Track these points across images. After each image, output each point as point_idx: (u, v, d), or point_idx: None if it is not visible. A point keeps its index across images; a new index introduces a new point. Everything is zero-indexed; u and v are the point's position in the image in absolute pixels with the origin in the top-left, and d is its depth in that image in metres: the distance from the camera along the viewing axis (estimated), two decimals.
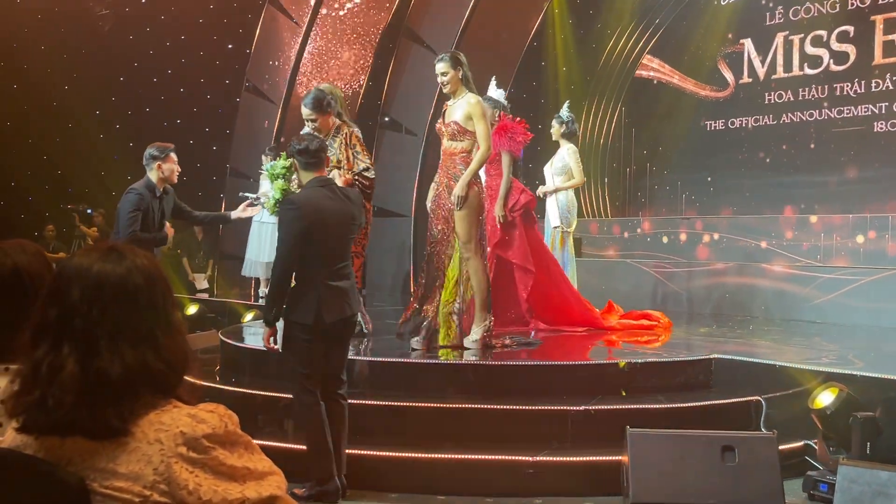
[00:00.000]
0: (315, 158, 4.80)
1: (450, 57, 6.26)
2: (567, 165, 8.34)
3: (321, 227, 4.64)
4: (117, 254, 1.71)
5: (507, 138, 7.36)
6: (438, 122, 6.50)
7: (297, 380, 4.74)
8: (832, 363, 6.06)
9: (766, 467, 4.49)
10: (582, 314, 7.68)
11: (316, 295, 4.63)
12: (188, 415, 1.62)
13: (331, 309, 4.67)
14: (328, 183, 4.87)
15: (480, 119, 6.13)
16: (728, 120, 11.60)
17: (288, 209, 4.69)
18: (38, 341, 1.64)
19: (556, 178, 8.38)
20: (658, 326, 7.86)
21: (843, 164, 10.37)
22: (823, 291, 9.07)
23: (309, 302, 4.64)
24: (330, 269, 4.70)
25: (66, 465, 1.62)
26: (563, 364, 6.33)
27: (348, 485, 4.83)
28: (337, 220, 4.73)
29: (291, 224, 4.63)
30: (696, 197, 11.85)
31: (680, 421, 5.19)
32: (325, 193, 4.74)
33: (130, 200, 5.98)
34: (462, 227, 6.19)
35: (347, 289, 4.79)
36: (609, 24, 12.92)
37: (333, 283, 4.69)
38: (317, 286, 4.64)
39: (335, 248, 4.76)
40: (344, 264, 4.81)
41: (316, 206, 4.65)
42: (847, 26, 10.40)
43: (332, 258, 4.73)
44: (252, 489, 1.63)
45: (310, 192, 4.76)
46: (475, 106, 6.15)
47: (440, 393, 5.72)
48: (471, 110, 6.15)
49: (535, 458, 5.03)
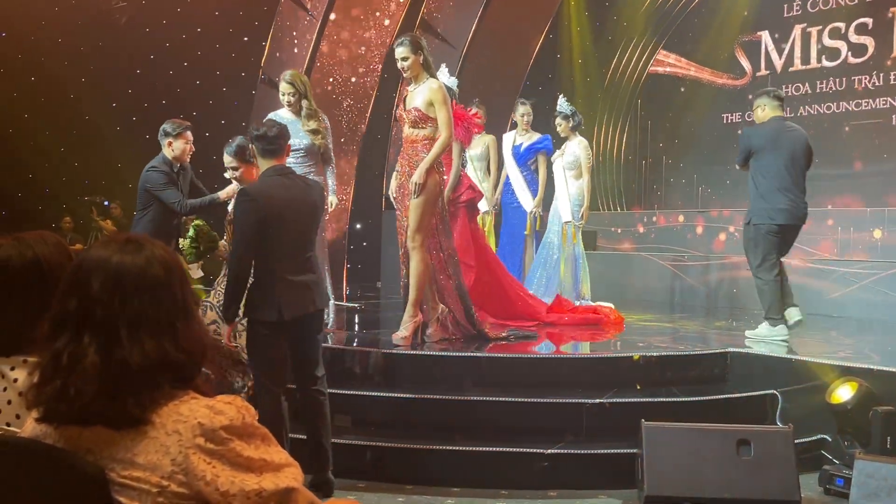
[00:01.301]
0: (273, 145, 4.57)
1: (409, 41, 6.06)
2: (577, 160, 8.32)
3: (278, 218, 4.40)
4: (136, 244, 1.72)
5: (463, 128, 7.17)
6: (399, 108, 6.29)
7: (257, 377, 4.58)
8: (849, 357, 6.03)
9: (781, 461, 4.48)
10: (526, 308, 7.50)
11: (276, 290, 4.42)
12: (206, 406, 1.63)
13: (291, 305, 4.45)
14: (286, 171, 4.63)
15: (442, 105, 5.91)
16: (745, 112, 11.52)
17: (242, 201, 4.45)
18: (58, 332, 1.65)
19: (567, 173, 8.36)
20: (606, 320, 7.72)
21: (861, 158, 10.30)
22: (840, 285, 9.03)
23: (269, 298, 4.41)
24: (291, 262, 4.49)
25: (86, 454, 1.63)
26: (578, 357, 6.33)
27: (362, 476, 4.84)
28: (296, 210, 4.51)
29: (246, 216, 4.39)
30: (712, 190, 11.80)
31: (695, 414, 5.17)
32: (282, 182, 4.52)
33: (155, 177, 5.97)
34: (414, 216, 5.96)
35: (311, 282, 4.58)
36: (625, 16, 12.87)
37: (295, 277, 4.48)
38: (276, 281, 4.43)
39: (296, 240, 4.52)
40: (307, 256, 4.59)
41: (271, 197, 4.42)
42: (865, 18, 10.32)
43: (293, 251, 4.51)
44: (269, 480, 1.64)
45: (266, 181, 4.54)
46: (437, 91, 5.93)
47: (455, 385, 5.71)
48: (432, 96, 5.93)
49: (549, 451, 5.03)
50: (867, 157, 10.24)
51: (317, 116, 6.43)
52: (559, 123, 8.44)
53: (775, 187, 6.50)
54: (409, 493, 4.90)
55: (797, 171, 6.57)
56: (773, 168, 6.54)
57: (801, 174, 6.60)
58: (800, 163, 6.60)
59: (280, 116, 6.25)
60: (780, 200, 6.51)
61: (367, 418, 5.39)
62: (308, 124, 6.43)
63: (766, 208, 6.55)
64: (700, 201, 11.85)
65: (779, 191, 6.50)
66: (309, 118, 6.38)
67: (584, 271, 8.43)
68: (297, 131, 6.31)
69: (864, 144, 10.29)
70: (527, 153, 8.65)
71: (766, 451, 4.50)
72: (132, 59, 11.06)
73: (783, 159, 6.54)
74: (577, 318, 7.66)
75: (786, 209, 6.52)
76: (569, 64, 13.39)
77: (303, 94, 6.37)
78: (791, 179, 6.53)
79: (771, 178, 6.53)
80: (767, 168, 6.56)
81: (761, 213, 6.58)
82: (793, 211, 6.54)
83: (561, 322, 7.51)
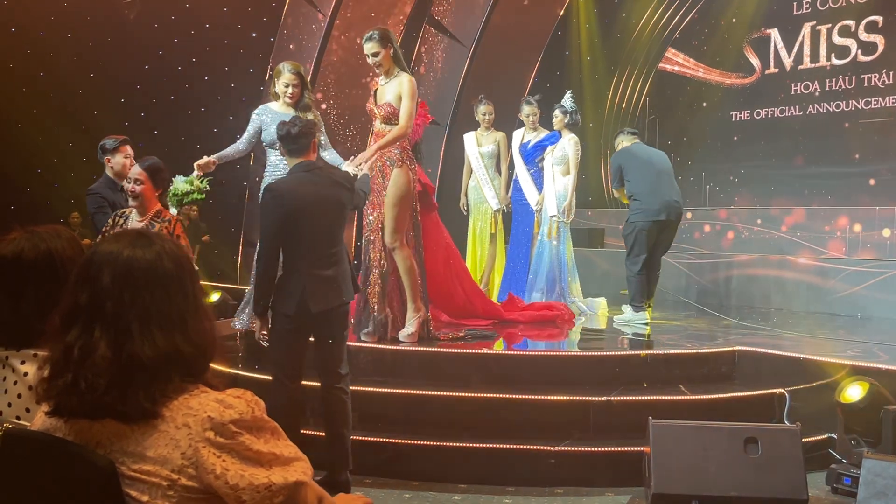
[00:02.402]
0: (296, 144, 4.61)
1: (379, 35, 5.93)
2: (566, 156, 8.31)
3: (303, 214, 4.45)
4: (146, 239, 1.73)
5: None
6: (369, 102, 6.23)
7: (271, 370, 4.62)
8: (857, 356, 6.01)
9: (789, 460, 4.47)
10: (484, 307, 7.35)
11: (300, 284, 4.46)
12: (216, 400, 1.64)
13: (318, 298, 4.48)
14: (312, 167, 4.65)
15: (409, 97, 5.85)
16: (754, 111, 11.52)
17: (267, 197, 4.52)
18: (69, 325, 1.66)
19: (555, 168, 8.36)
20: (562, 317, 7.65)
21: (870, 156, 10.28)
22: (849, 284, 9.00)
23: (293, 291, 4.46)
24: (317, 256, 4.51)
25: (96, 447, 1.64)
26: (585, 355, 6.32)
27: (370, 472, 4.84)
28: (322, 205, 4.54)
29: (271, 212, 4.47)
30: (720, 188, 11.78)
31: (703, 413, 5.16)
32: (309, 178, 4.56)
33: (89, 202, 5.77)
34: (390, 216, 5.91)
35: (337, 277, 4.58)
36: (634, 14, 12.84)
37: (320, 271, 4.50)
38: (301, 275, 4.46)
39: (321, 235, 4.54)
40: (334, 251, 4.60)
41: (297, 193, 4.48)
42: (875, 16, 10.29)
43: (318, 245, 4.53)
44: (278, 474, 1.64)
45: (292, 178, 4.60)
46: (406, 84, 5.88)
47: (463, 382, 5.71)
48: (401, 89, 5.88)
49: (556, 449, 5.03)
50: (876, 155, 10.21)
51: (312, 109, 6.23)
52: (556, 115, 8.43)
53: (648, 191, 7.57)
54: (417, 490, 4.91)
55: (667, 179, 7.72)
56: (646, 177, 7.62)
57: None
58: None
59: (271, 110, 6.11)
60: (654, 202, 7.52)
61: (374, 415, 5.39)
62: (306, 116, 6.29)
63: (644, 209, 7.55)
64: (708, 199, 11.83)
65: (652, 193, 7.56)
66: (305, 110, 6.13)
67: (571, 270, 8.41)
68: None
69: (873, 142, 10.26)
70: (534, 150, 8.64)
71: (774, 449, 4.49)
72: (141, 54, 11.08)
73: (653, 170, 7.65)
74: (533, 315, 7.57)
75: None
76: (577, 61, 13.37)
77: (306, 86, 6.23)
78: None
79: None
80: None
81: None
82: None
83: (516, 320, 7.40)
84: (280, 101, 6.12)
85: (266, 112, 6.11)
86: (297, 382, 4.61)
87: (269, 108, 6.14)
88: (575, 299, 8.34)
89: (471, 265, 8.99)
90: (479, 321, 7.14)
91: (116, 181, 5.82)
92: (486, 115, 8.78)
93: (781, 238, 10.30)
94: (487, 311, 7.34)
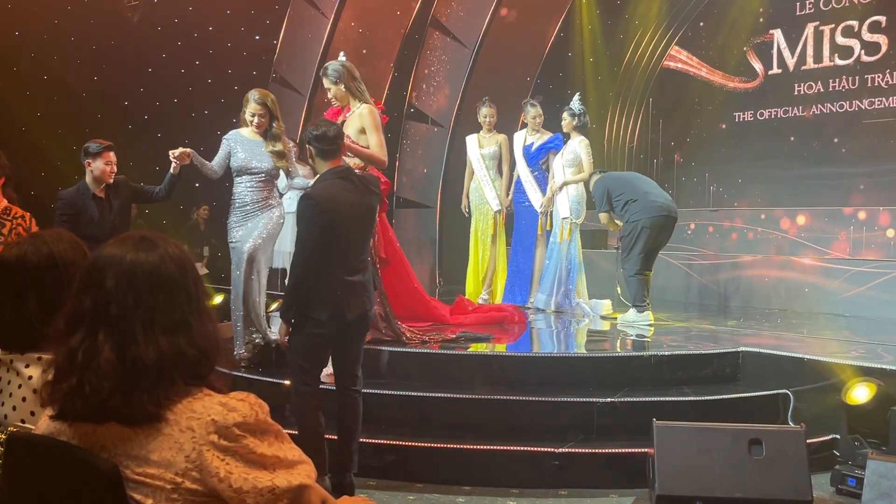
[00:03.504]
0: (333, 146, 4.53)
1: (329, 73, 5.92)
2: (578, 157, 8.33)
3: (339, 221, 4.40)
4: (149, 243, 1.73)
5: None
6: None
7: (296, 373, 4.57)
8: (861, 357, 6.00)
9: (793, 461, 4.46)
10: (429, 309, 7.21)
11: (336, 291, 4.43)
12: (219, 403, 1.64)
13: (352, 305, 4.48)
14: (346, 173, 4.58)
15: (373, 130, 5.71)
16: (757, 111, 11.50)
17: (307, 204, 4.38)
18: (73, 329, 1.66)
19: (566, 170, 8.36)
20: (511, 318, 7.58)
21: (874, 157, 10.25)
22: (853, 284, 8.99)
23: (328, 298, 4.41)
24: (350, 263, 4.50)
25: (100, 451, 1.64)
26: (589, 356, 6.31)
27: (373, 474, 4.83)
28: (355, 212, 4.51)
29: (312, 220, 4.36)
30: (724, 189, 11.77)
31: (707, 414, 5.16)
32: (344, 185, 4.49)
33: (58, 206, 5.76)
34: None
35: (365, 283, 4.59)
36: (637, 15, 12.83)
37: (352, 277, 4.49)
38: (336, 282, 4.43)
39: (354, 242, 4.54)
40: (363, 257, 4.61)
41: (335, 200, 4.40)
42: (879, 16, 10.27)
43: (351, 252, 4.52)
44: (282, 477, 1.64)
45: (327, 184, 4.48)
46: (367, 117, 5.73)
47: (467, 384, 5.72)
48: (363, 122, 5.74)
49: (560, 450, 5.03)
50: (880, 155, 10.19)
51: (282, 138, 6.09)
52: (564, 118, 8.44)
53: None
54: (420, 492, 4.91)
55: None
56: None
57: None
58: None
59: (241, 136, 6.04)
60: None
61: (378, 417, 5.39)
62: (273, 146, 6.03)
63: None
64: (712, 200, 11.82)
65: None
66: (274, 140, 6.02)
67: (579, 271, 8.42)
68: (259, 153, 6.01)
69: (877, 143, 10.24)
70: (538, 153, 8.65)
71: (778, 450, 4.48)
72: (144, 57, 11.09)
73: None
74: (481, 317, 7.49)
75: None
76: (580, 62, 13.37)
77: (273, 116, 6.06)
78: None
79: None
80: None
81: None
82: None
83: (461, 323, 7.26)
84: (250, 128, 6.07)
85: (236, 138, 6.06)
86: (318, 386, 4.61)
87: (240, 134, 6.08)
88: (580, 301, 8.35)
89: (473, 267, 9.00)
90: (422, 324, 6.98)
91: (90, 186, 5.82)
92: (488, 117, 8.79)
93: (785, 239, 10.29)
94: (432, 313, 7.21)
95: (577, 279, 8.40)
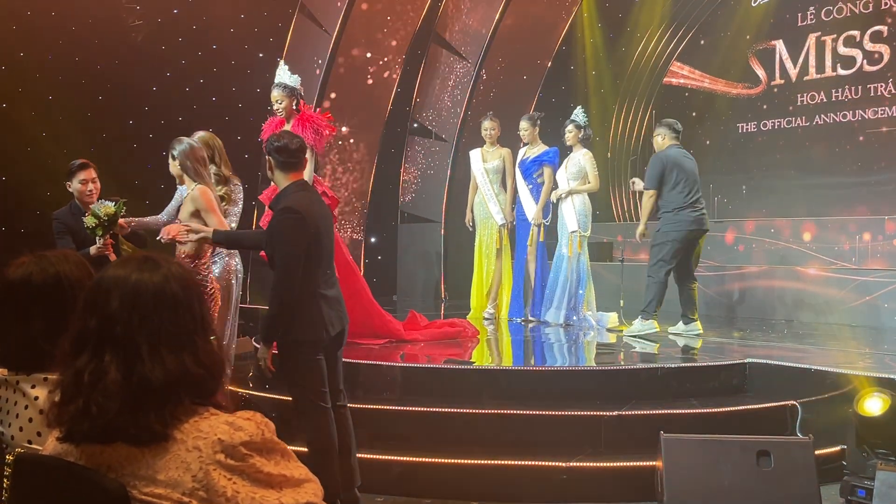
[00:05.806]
0: (295, 158, 4.37)
1: (175, 149, 5.26)
2: (583, 169, 8.35)
3: (320, 234, 4.29)
4: (153, 263, 1.74)
5: (312, 131, 6.44)
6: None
7: (308, 398, 4.36)
8: (868, 367, 5.99)
9: (802, 472, 4.44)
10: (383, 325, 7.08)
11: (320, 308, 4.30)
12: (226, 422, 1.64)
13: (335, 320, 4.39)
14: (308, 186, 4.51)
15: (210, 212, 5.07)
16: (760, 122, 11.50)
17: (291, 217, 4.19)
18: (79, 350, 1.67)
19: (570, 183, 8.38)
20: (464, 333, 7.52)
21: (878, 166, 10.25)
22: (859, 294, 8.97)
23: (313, 316, 4.28)
24: (325, 277, 4.38)
25: (107, 471, 1.64)
26: (596, 369, 6.30)
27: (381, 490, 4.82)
28: (328, 224, 4.44)
29: (298, 234, 4.18)
30: (728, 200, 11.75)
31: (714, 426, 5.14)
32: (311, 197, 4.41)
33: (54, 227, 5.73)
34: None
35: (339, 296, 4.50)
36: (639, 28, 12.86)
37: (328, 292, 4.38)
38: (317, 298, 4.30)
39: (328, 255, 4.42)
40: (331, 271, 4.49)
41: (314, 213, 4.29)
42: (880, 26, 10.28)
43: (326, 266, 4.40)
44: (289, 496, 1.64)
45: (300, 196, 4.30)
46: (199, 199, 5.10)
47: (474, 398, 5.71)
48: (196, 205, 5.11)
49: (568, 464, 5.01)
50: (884, 165, 10.19)
51: (226, 183, 5.83)
52: (569, 131, 8.45)
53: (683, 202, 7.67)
54: None
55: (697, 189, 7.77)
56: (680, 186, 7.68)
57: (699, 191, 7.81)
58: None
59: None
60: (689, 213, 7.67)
61: (385, 432, 5.38)
62: (216, 191, 5.60)
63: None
64: (716, 211, 11.81)
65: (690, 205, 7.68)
66: (217, 185, 5.70)
67: (588, 284, 8.42)
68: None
69: (880, 152, 10.23)
70: (532, 165, 8.67)
71: (787, 462, 4.46)
72: (148, 76, 11.13)
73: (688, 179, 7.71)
74: (435, 333, 7.44)
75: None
76: (582, 75, 13.39)
77: (211, 159, 5.71)
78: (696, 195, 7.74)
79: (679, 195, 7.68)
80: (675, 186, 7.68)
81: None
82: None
83: (416, 339, 7.22)
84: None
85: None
86: (329, 404, 4.48)
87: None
88: (587, 314, 8.33)
89: (477, 280, 9.00)
90: (377, 340, 6.93)
91: (82, 206, 5.79)
92: (489, 130, 8.82)
93: (790, 249, 10.27)
94: (386, 329, 7.11)
95: (586, 292, 8.40)
